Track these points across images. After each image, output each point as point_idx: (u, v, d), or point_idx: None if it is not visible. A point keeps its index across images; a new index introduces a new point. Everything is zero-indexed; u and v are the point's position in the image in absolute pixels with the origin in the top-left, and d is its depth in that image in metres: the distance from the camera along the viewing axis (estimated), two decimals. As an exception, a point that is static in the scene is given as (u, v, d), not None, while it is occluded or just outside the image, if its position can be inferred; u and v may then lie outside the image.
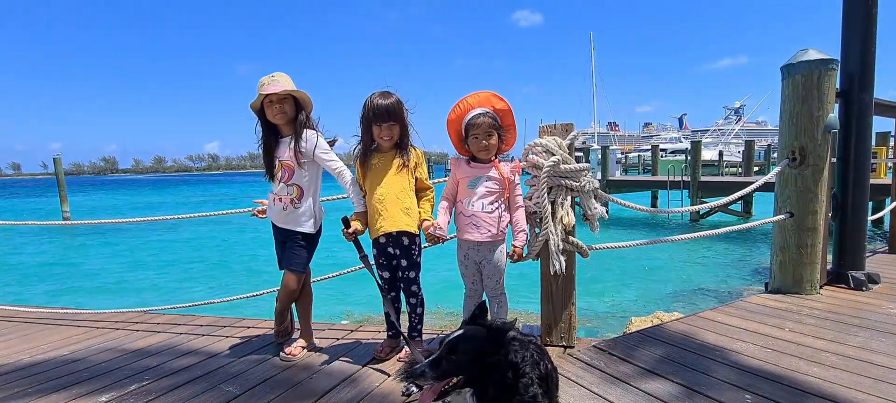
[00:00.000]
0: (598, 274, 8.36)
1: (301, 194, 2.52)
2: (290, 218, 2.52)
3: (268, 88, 2.39)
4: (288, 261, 2.55)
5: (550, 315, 2.59)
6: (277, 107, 2.43)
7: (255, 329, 3.13)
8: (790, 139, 3.30)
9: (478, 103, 2.29)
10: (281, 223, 2.56)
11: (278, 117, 2.45)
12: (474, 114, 2.26)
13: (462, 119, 2.32)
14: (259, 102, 2.44)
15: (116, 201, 35.38)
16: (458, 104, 2.33)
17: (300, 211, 2.52)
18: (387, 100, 2.34)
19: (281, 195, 2.52)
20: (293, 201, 2.51)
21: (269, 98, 2.41)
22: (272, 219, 2.60)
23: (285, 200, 2.51)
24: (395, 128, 2.37)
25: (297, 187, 2.50)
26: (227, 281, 9.72)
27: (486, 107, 2.27)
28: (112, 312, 3.75)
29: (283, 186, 2.50)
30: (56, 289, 9.45)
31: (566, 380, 2.13)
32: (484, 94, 2.30)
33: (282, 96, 2.42)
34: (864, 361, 2.23)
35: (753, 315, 2.94)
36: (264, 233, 14.00)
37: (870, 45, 3.38)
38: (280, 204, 2.52)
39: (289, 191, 2.50)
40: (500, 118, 2.30)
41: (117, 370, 2.51)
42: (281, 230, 2.58)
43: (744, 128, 59.36)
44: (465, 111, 2.30)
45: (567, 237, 2.44)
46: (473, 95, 2.32)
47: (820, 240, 3.31)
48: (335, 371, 2.37)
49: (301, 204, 2.52)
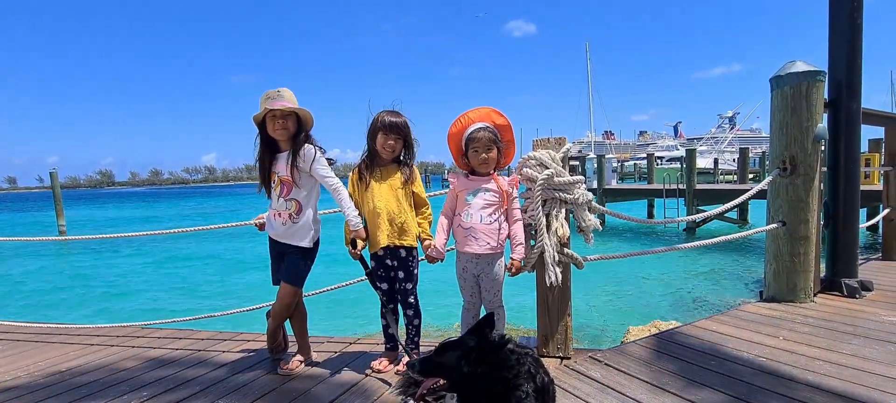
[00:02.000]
0: (594, 285, 8.38)
1: (299, 209, 2.54)
2: (289, 232, 2.55)
3: (273, 103, 2.43)
4: (286, 274, 2.57)
5: (547, 326, 2.61)
6: (280, 123, 2.46)
7: (254, 342, 3.14)
8: (780, 149, 3.36)
9: (479, 118, 2.35)
10: (280, 238, 2.58)
11: (279, 132, 2.48)
12: (474, 129, 2.32)
13: (462, 133, 2.38)
14: (262, 115, 2.47)
15: (112, 215, 35.23)
16: (460, 118, 2.40)
17: (299, 226, 2.54)
18: (397, 117, 2.45)
19: (280, 210, 2.54)
20: (292, 216, 2.53)
21: (272, 113, 2.44)
22: (271, 234, 2.62)
23: (284, 215, 2.53)
24: (400, 142, 2.46)
25: (295, 202, 2.53)
26: (224, 296, 9.69)
27: (487, 122, 2.34)
28: (110, 326, 3.75)
29: (282, 201, 2.53)
30: (52, 305, 9.40)
31: (563, 392, 2.15)
32: (485, 110, 2.37)
33: (286, 113, 2.45)
34: (856, 369, 2.26)
35: (747, 323, 2.97)
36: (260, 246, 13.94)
37: (856, 54, 3.45)
38: (279, 220, 2.55)
39: (288, 206, 2.53)
40: (500, 133, 2.36)
41: (116, 386, 2.52)
42: (279, 244, 2.60)
43: (737, 135, 59.84)
44: (465, 125, 2.37)
45: (562, 248, 2.47)
46: (475, 110, 2.38)
47: (812, 249, 3.35)
48: (335, 383, 2.39)
49: (299, 218, 2.54)
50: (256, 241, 17.86)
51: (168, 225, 25.57)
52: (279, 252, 2.62)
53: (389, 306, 2.53)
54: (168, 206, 46.15)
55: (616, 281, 8.83)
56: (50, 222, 24.58)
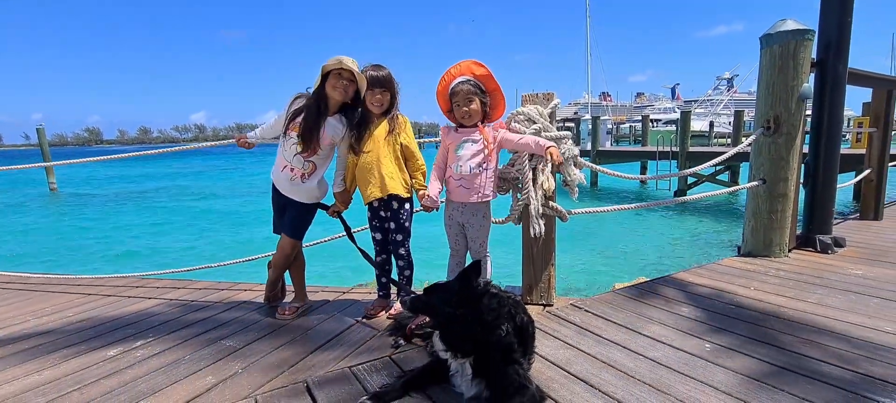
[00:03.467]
0: (583, 247, 8.58)
1: (314, 170, 2.59)
2: (297, 189, 2.60)
3: (349, 62, 2.42)
4: (286, 227, 2.65)
5: (531, 275, 2.75)
6: (342, 85, 2.46)
7: (250, 291, 3.27)
8: (766, 108, 3.43)
9: (459, 73, 2.41)
10: (285, 191, 2.62)
11: (339, 93, 2.47)
12: (456, 83, 2.39)
13: (447, 89, 2.43)
14: (332, 67, 2.43)
15: (108, 172, 34.96)
16: (443, 77, 2.46)
17: (306, 186, 2.59)
18: (379, 71, 2.49)
19: (294, 166, 2.56)
20: (304, 175, 2.58)
21: (339, 71, 2.44)
22: (277, 185, 2.66)
23: (296, 172, 2.57)
24: (386, 95, 2.51)
25: (312, 164, 2.58)
26: (221, 248, 9.83)
27: (467, 75, 2.39)
28: (110, 277, 3.86)
29: (299, 159, 2.55)
30: (47, 257, 9.51)
31: (543, 333, 2.30)
32: (465, 64, 2.42)
33: (353, 77, 2.46)
34: (816, 315, 2.42)
35: (722, 275, 3.13)
36: (258, 201, 13.96)
37: (846, 14, 3.47)
38: (289, 174, 2.57)
39: (304, 166, 2.56)
40: (483, 83, 2.41)
41: (121, 329, 2.65)
42: (283, 196, 2.65)
43: (733, 99, 59.56)
44: (448, 82, 2.42)
45: (547, 202, 2.57)
46: (455, 66, 2.44)
47: (790, 206, 3.48)
48: (328, 328, 2.53)
49: (311, 179, 2.60)
50: (251, 195, 17.98)
51: (167, 182, 25.46)
52: (282, 204, 2.68)
53: (381, 256, 2.65)
54: (163, 164, 45.42)
55: (605, 243, 9.04)
56: (40, 178, 24.40)
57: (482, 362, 1.66)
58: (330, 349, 2.27)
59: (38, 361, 2.25)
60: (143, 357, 2.25)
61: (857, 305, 2.53)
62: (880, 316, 2.37)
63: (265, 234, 10.03)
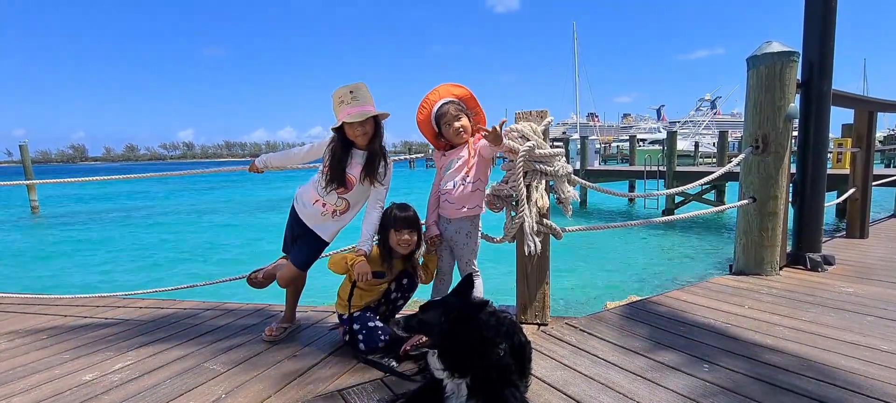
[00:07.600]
0: (575, 266, 8.58)
1: (347, 209, 2.48)
2: (322, 225, 2.49)
3: (351, 111, 2.24)
4: (295, 257, 2.54)
5: (525, 294, 2.70)
6: (360, 129, 2.28)
7: (237, 311, 3.17)
8: (754, 127, 3.47)
9: (439, 97, 2.44)
10: (311, 223, 2.51)
11: (361, 139, 2.31)
12: (439, 106, 2.41)
13: (431, 115, 2.45)
14: (339, 124, 2.28)
15: (89, 192, 34.32)
16: (422, 105, 2.48)
17: (333, 222, 2.49)
18: (406, 212, 2.32)
19: (327, 201, 2.44)
20: (336, 213, 2.46)
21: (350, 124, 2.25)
22: (301, 216, 2.53)
23: (328, 208, 2.44)
24: (414, 236, 2.33)
25: (346, 202, 2.46)
26: (206, 267, 9.63)
27: (447, 97, 2.43)
28: (91, 297, 3.73)
29: (333, 195, 2.42)
30: (26, 278, 9.22)
31: (539, 354, 2.24)
32: (442, 88, 2.47)
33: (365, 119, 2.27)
34: (813, 333, 2.41)
35: (715, 294, 3.11)
36: (242, 219, 13.76)
37: (828, 36, 3.55)
38: (320, 208, 2.44)
39: (337, 202, 2.44)
40: (464, 104, 2.44)
41: (101, 351, 2.53)
42: (303, 228, 2.53)
43: (715, 119, 60.88)
44: (430, 107, 2.45)
45: (541, 219, 2.55)
46: (433, 91, 2.47)
47: (780, 224, 3.50)
48: (317, 349, 2.44)
49: (342, 218, 2.49)
50: (235, 214, 17.72)
51: (153, 203, 25.03)
52: (299, 233, 2.55)
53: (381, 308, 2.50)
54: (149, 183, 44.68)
55: (596, 261, 9.05)
56: (21, 197, 23.83)
57: (478, 383, 1.61)
58: (318, 370, 2.19)
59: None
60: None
61: (853, 324, 2.53)
62: (876, 335, 2.36)
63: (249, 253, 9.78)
